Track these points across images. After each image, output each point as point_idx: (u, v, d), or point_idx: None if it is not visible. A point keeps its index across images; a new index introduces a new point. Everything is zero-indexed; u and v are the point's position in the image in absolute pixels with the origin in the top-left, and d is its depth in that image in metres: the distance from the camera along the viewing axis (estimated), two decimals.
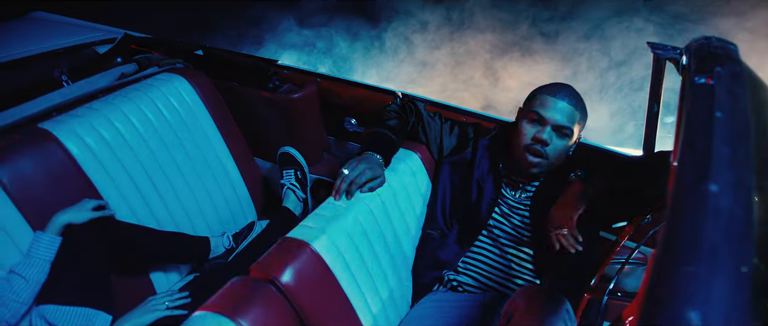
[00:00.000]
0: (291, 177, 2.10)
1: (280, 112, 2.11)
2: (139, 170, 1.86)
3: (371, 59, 4.56)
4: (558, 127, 1.52)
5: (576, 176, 1.46)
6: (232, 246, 1.97)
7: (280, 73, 2.18)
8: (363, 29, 4.74)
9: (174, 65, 2.18)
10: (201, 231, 2.03)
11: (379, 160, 1.58)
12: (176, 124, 1.99)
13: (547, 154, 1.53)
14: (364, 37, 4.70)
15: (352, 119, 2.11)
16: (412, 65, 4.48)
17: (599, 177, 1.44)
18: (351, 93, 2.09)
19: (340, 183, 1.51)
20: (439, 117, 1.80)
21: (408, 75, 4.40)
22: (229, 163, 2.13)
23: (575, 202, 1.40)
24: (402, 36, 4.63)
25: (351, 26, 4.79)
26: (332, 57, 4.65)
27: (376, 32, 4.70)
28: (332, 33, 4.80)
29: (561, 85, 1.57)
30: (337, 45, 4.73)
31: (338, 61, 4.59)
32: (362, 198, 1.53)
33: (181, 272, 1.97)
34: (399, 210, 1.64)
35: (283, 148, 2.12)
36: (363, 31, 4.73)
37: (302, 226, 1.44)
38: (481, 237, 1.65)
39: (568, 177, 1.59)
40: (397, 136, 1.67)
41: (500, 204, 1.65)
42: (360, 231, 1.50)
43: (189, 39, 2.55)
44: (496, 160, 1.69)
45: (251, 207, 2.21)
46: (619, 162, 1.56)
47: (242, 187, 2.17)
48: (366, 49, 4.62)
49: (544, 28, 4.44)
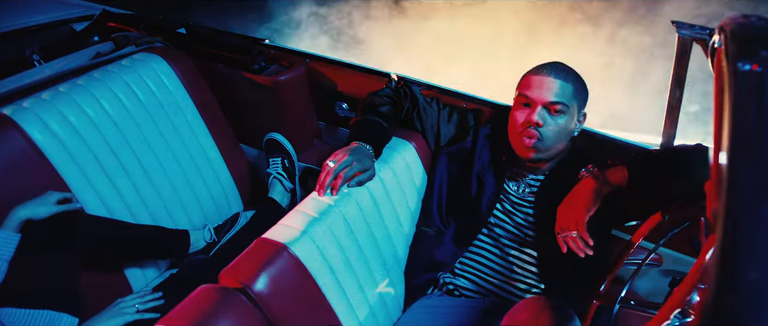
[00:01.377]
0: (278, 166, 1.96)
1: (266, 96, 1.96)
2: (112, 159, 1.72)
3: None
4: (549, 105, 1.37)
5: (587, 172, 1.30)
6: (213, 239, 1.83)
7: (267, 53, 2.02)
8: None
9: (153, 44, 2.03)
10: (181, 223, 1.90)
11: (369, 151, 1.43)
12: (153, 108, 1.84)
13: (542, 135, 1.38)
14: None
15: (344, 103, 1.95)
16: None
17: (613, 173, 1.29)
18: (342, 75, 1.93)
19: (325, 177, 1.37)
20: (436, 102, 1.64)
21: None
22: (212, 149, 1.99)
23: (586, 201, 1.25)
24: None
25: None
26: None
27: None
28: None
29: (548, 63, 1.42)
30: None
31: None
32: (349, 194, 1.39)
33: (160, 267, 1.84)
34: (391, 205, 1.50)
35: (270, 134, 1.97)
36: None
37: (281, 226, 1.29)
38: (481, 236, 1.51)
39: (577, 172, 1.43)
40: (389, 124, 1.52)
41: (502, 200, 1.50)
42: (346, 231, 1.35)
43: (178, 16, 2.38)
44: (499, 151, 1.54)
45: (237, 197, 2.07)
46: (636, 156, 1.40)
47: (226, 176, 2.03)
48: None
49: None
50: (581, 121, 1.46)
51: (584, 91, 1.44)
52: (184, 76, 1.94)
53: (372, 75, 1.87)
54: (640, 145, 1.51)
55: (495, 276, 1.47)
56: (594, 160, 1.45)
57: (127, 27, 2.19)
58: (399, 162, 1.54)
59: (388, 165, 1.50)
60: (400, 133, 1.61)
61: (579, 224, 1.24)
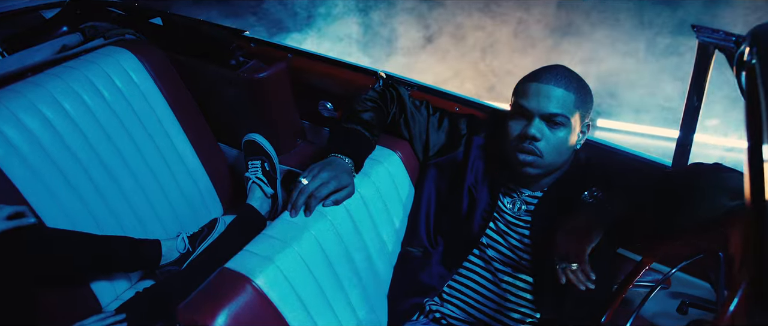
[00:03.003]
0: (257, 170, 1.81)
1: (245, 94, 1.81)
2: (74, 165, 1.58)
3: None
4: (547, 117, 1.22)
5: (591, 197, 1.15)
6: (187, 249, 1.70)
7: (246, 47, 1.86)
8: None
9: (123, 36, 1.87)
10: (154, 232, 1.77)
11: (348, 166, 1.29)
12: (120, 107, 1.70)
13: (540, 150, 1.24)
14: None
15: (328, 103, 1.80)
16: None
17: (621, 197, 1.13)
18: (326, 71, 1.77)
19: (297, 196, 1.23)
20: (425, 107, 1.49)
21: None
22: (187, 150, 1.85)
23: (589, 231, 1.10)
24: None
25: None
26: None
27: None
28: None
29: (548, 67, 1.27)
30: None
31: None
32: (325, 214, 1.25)
33: (131, 279, 1.72)
34: (372, 224, 1.36)
35: (248, 135, 1.83)
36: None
37: (245, 253, 1.16)
38: (472, 258, 1.37)
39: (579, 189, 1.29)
40: (372, 133, 1.37)
41: (495, 218, 1.36)
42: (319, 257, 1.22)
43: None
44: (493, 163, 1.39)
45: (216, 201, 1.94)
46: (648, 176, 1.24)
47: (204, 178, 1.89)
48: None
49: None
50: (585, 132, 1.31)
51: (588, 99, 1.28)
52: (156, 72, 1.79)
53: (359, 72, 1.72)
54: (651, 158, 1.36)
55: (486, 304, 1.34)
56: (598, 176, 1.30)
57: (98, 15, 2.02)
58: (382, 175, 1.40)
59: (369, 179, 1.36)
60: (385, 140, 1.46)
61: (579, 257, 1.10)
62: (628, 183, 1.23)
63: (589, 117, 1.30)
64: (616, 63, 3.52)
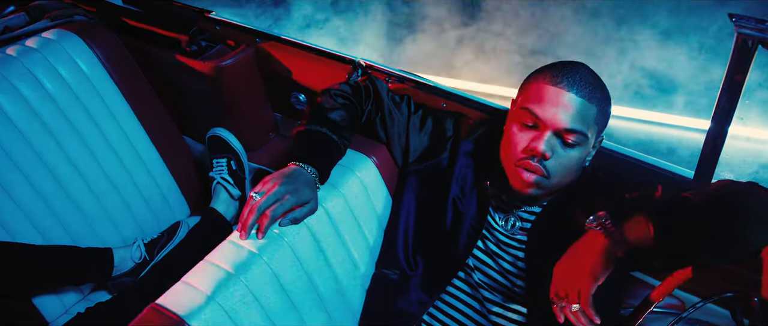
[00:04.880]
0: (222, 169, 1.63)
1: (208, 84, 1.60)
2: (11, 169, 1.40)
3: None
4: (563, 132, 1.01)
5: (597, 222, 0.94)
6: (144, 258, 1.53)
7: (210, 31, 1.65)
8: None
9: (71, 18, 1.66)
10: (109, 240, 1.59)
11: (311, 177, 1.09)
12: (65, 101, 1.50)
13: (548, 171, 1.04)
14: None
15: (301, 94, 1.60)
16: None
17: (633, 228, 0.92)
18: (298, 59, 1.56)
19: (247, 215, 1.03)
20: (406, 103, 1.28)
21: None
22: (147, 147, 1.65)
23: (593, 266, 0.90)
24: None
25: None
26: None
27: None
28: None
29: (568, 67, 1.05)
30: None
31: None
32: (281, 235, 1.06)
33: (82, 291, 1.55)
34: (340, 243, 1.17)
35: (212, 130, 1.63)
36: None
37: (182, 286, 0.98)
38: (456, 282, 1.18)
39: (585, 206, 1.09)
40: (341, 137, 1.17)
41: (485, 237, 1.17)
42: (273, 287, 1.03)
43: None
44: (483, 173, 1.19)
45: (181, 202, 1.75)
46: (667, 193, 1.03)
47: (166, 177, 1.70)
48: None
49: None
50: (597, 147, 1.10)
51: (609, 111, 1.08)
52: (108, 59, 1.58)
53: (335, 60, 1.51)
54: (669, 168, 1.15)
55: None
56: (607, 189, 1.10)
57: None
58: (354, 185, 1.20)
59: (338, 190, 1.17)
60: (359, 143, 1.26)
61: (582, 296, 0.90)
62: (643, 202, 1.02)
63: (605, 128, 1.09)
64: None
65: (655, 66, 3.20)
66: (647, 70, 3.17)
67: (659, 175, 1.14)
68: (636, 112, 2.95)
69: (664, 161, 1.15)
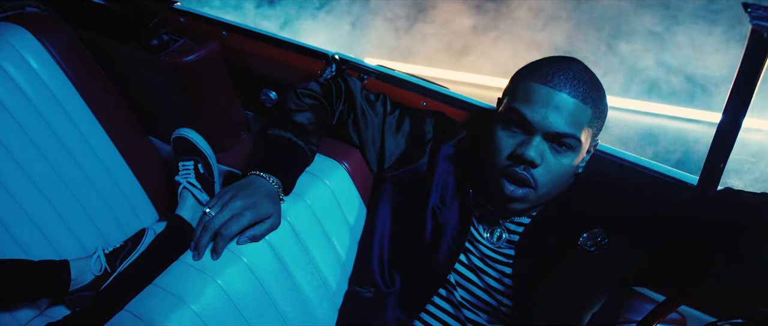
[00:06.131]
0: (189, 173, 1.51)
1: (171, 81, 1.48)
2: None
3: None
4: (554, 136, 0.90)
5: (593, 243, 0.84)
6: (104, 269, 1.42)
7: (174, 22, 1.52)
8: None
9: (22, 9, 1.53)
10: (68, 251, 1.47)
11: (273, 188, 0.98)
12: (13, 101, 1.37)
13: (535, 180, 0.93)
14: None
15: (272, 92, 1.48)
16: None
17: (634, 239, 0.81)
18: (269, 53, 1.44)
19: (200, 233, 0.92)
20: (382, 102, 1.17)
21: None
22: (107, 150, 1.53)
23: (586, 295, 0.80)
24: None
25: None
26: None
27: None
28: None
29: (559, 63, 0.93)
30: None
31: None
32: (239, 254, 0.95)
33: (38, 306, 1.43)
34: (308, 260, 1.06)
35: (178, 131, 1.51)
36: None
37: (124, 317, 0.87)
38: (437, 301, 1.07)
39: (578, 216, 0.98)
40: (308, 142, 1.06)
41: (468, 251, 1.06)
42: (229, 314, 0.93)
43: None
44: (466, 179, 1.08)
45: (148, 207, 1.64)
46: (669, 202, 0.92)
47: (131, 181, 1.59)
48: None
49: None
50: (591, 151, 0.99)
51: (605, 111, 0.97)
52: (63, 56, 1.45)
53: (307, 55, 1.39)
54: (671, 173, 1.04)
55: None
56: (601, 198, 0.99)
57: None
58: (323, 195, 1.09)
59: (304, 201, 1.05)
60: (329, 147, 1.15)
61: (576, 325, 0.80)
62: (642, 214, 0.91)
63: (600, 132, 0.98)
64: None
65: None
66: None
67: (659, 181, 1.03)
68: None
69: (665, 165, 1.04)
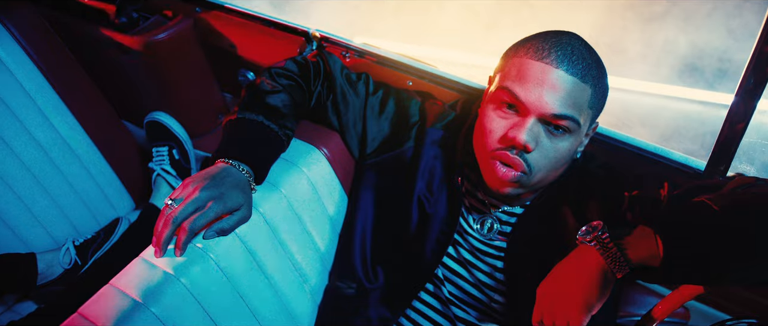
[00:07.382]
0: (163, 159, 1.43)
1: (142, 61, 1.39)
2: None
3: None
4: (550, 118, 0.82)
5: (591, 235, 0.76)
6: (75, 262, 1.34)
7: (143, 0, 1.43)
8: None
9: None
10: (37, 244, 1.40)
11: (243, 177, 0.90)
12: None
13: (529, 165, 0.84)
14: None
15: (249, 72, 1.39)
16: None
17: (636, 244, 0.72)
18: (245, 31, 1.35)
19: (161, 228, 0.84)
20: (364, 82, 1.08)
21: None
22: (78, 136, 1.44)
23: (585, 290, 0.72)
24: None
25: None
26: None
27: None
28: None
29: (558, 40, 0.84)
30: None
31: None
32: (206, 250, 0.87)
33: (6, 302, 1.36)
34: (283, 254, 0.98)
35: (151, 115, 1.43)
36: None
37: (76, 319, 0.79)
38: (424, 296, 1.00)
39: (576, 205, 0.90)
40: (282, 126, 0.97)
41: (457, 242, 0.98)
42: (196, 316, 0.85)
43: None
44: (455, 166, 0.99)
45: (123, 195, 1.55)
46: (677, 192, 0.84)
47: (104, 168, 1.50)
48: None
49: None
50: (590, 134, 0.91)
51: (606, 90, 0.88)
52: (27, 37, 1.36)
53: (285, 32, 1.30)
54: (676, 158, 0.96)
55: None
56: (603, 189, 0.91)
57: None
58: (299, 184, 1.00)
59: (278, 191, 0.97)
60: (306, 131, 1.06)
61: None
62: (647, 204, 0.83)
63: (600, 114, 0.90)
64: None
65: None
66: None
67: (664, 166, 0.95)
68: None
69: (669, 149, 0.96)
